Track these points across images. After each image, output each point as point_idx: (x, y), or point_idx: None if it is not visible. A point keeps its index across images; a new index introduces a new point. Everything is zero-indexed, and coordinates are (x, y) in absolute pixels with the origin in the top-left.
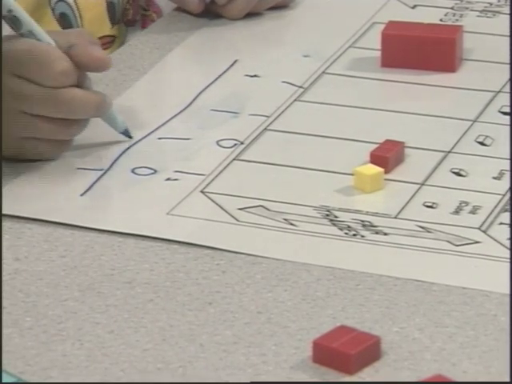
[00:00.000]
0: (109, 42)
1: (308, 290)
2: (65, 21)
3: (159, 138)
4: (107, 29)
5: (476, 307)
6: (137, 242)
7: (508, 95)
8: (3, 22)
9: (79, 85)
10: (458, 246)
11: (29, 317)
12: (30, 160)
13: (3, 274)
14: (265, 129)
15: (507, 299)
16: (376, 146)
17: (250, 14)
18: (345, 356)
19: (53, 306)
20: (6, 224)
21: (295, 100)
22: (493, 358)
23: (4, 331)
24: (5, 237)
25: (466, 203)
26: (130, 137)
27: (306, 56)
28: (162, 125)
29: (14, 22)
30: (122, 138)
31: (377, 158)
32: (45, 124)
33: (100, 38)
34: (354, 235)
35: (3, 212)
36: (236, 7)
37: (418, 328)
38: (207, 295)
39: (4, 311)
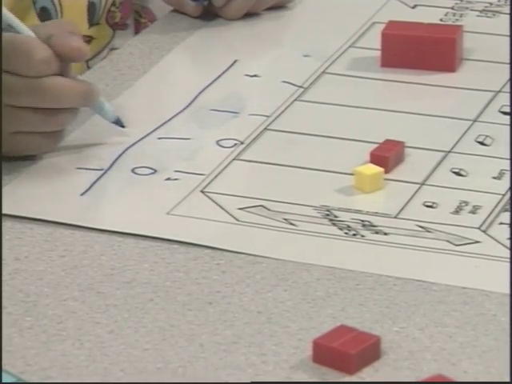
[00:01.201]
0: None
1: (308, 289)
2: (45, 15)
3: (159, 138)
4: (84, 29)
5: (476, 307)
6: (137, 242)
7: (508, 95)
8: None
9: (62, 74)
10: (457, 245)
11: (29, 316)
12: (29, 159)
13: (3, 273)
14: (265, 129)
15: (507, 299)
16: (376, 145)
17: (249, 15)
18: (345, 356)
19: (53, 305)
20: (6, 224)
21: (295, 100)
22: (493, 357)
23: (4, 331)
24: (5, 237)
25: (466, 203)
26: (123, 126)
27: (306, 56)
28: (162, 125)
29: None
30: (120, 133)
31: (377, 158)
32: (31, 115)
33: None
34: (354, 235)
35: (3, 212)
36: (234, 8)
37: (418, 328)
38: (207, 295)
39: (4, 311)
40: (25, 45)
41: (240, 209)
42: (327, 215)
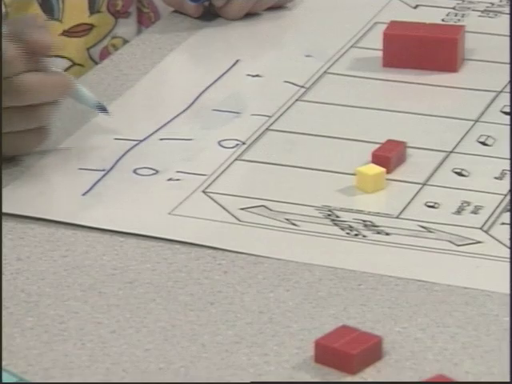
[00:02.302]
0: (85, 30)
1: (310, 289)
2: (47, 4)
3: (161, 139)
4: (85, 17)
5: (478, 307)
6: (139, 242)
7: (510, 95)
8: None
9: (37, 69)
10: (459, 245)
11: (31, 317)
12: (30, 159)
13: (5, 273)
14: (266, 129)
15: (509, 299)
16: (378, 145)
17: (250, 15)
18: (347, 356)
19: (55, 305)
20: (8, 224)
21: (297, 100)
22: (495, 358)
23: (6, 331)
24: (7, 237)
25: (468, 203)
26: (106, 110)
27: (307, 56)
28: (164, 125)
29: None
30: (122, 136)
31: (379, 158)
32: (13, 114)
33: (77, 25)
34: (356, 235)
35: (5, 211)
36: (234, 8)
37: (419, 328)
38: (209, 295)
39: (6, 311)
40: None
41: (242, 209)
42: (329, 215)
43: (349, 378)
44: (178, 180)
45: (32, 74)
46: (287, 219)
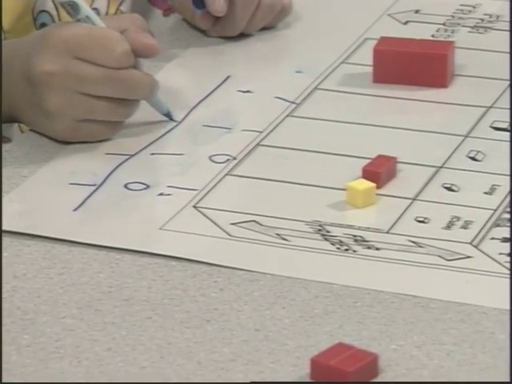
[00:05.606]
0: None
1: (306, 307)
2: None
3: (152, 154)
4: None
5: (473, 324)
6: (135, 260)
7: (499, 110)
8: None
9: (136, 67)
10: (449, 260)
11: (27, 334)
12: (20, 174)
13: (1, 291)
14: (257, 144)
15: (504, 316)
16: (368, 161)
17: (241, 34)
18: (342, 373)
19: (51, 323)
20: (4, 241)
21: (288, 115)
22: (490, 375)
23: (2, 349)
24: (3, 254)
25: (458, 218)
26: (173, 119)
27: (298, 72)
28: (155, 140)
29: (73, 7)
30: (113, 150)
31: (369, 173)
32: (105, 105)
33: None
34: (346, 250)
35: None
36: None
37: (415, 345)
38: (205, 313)
39: (2, 329)
40: (106, 37)
41: (232, 224)
42: (319, 230)
43: None
44: (168, 195)
45: (136, 71)
46: (278, 234)
